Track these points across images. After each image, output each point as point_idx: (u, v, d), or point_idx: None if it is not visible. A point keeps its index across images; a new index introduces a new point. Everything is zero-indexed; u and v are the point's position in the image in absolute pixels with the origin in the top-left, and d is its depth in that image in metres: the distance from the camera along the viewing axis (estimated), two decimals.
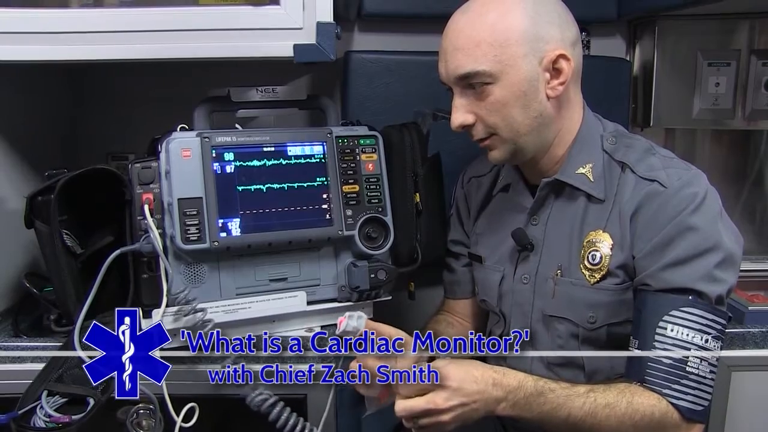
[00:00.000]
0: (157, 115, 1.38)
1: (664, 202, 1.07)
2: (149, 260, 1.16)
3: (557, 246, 1.18)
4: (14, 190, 1.38)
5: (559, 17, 1.11)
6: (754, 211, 1.82)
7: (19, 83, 1.43)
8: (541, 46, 1.08)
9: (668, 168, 1.10)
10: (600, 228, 1.13)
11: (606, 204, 1.13)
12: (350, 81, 1.65)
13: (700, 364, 1.03)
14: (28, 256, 1.40)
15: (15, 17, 1.19)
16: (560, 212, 1.19)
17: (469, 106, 1.12)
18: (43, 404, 1.01)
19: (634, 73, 1.76)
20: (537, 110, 1.11)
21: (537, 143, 1.14)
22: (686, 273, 1.04)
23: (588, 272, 1.13)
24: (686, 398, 1.03)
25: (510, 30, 1.07)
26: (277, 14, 1.19)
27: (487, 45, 1.07)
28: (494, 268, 1.27)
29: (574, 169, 1.16)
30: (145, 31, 1.19)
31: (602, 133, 1.18)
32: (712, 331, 1.04)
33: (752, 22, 1.66)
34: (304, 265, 1.26)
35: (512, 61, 1.07)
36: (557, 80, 1.10)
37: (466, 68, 1.08)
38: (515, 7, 1.08)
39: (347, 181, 1.26)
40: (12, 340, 1.23)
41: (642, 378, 1.04)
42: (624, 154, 1.14)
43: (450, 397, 0.98)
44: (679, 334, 1.03)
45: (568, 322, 1.17)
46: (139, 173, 1.16)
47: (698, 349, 1.03)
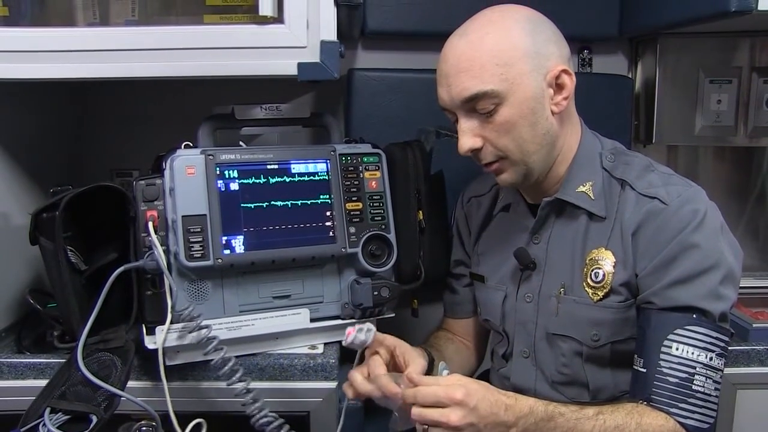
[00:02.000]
0: (162, 133, 1.39)
1: (665, 220, 1.07)
2: (153, 277, 1.16)
3: (560, 264, 1.18)
4: (19, 207, 1.39)
5: (554, 34, 1.12)
6: (757, 228, 1.82)
7: (24, 100, 1.44)
8: (543, 63, 1.09)
9: (668, 185, 1.11)
10: (602, 246, 1.13)
11: (607, 222, 1.14)
12: (354, 99, 1.66)
13: (705, 382, 1.03)
14: (32, 272, 1.41)
15: (22, 36, 1.20)
16: (562, 231, 1.19)
17: (477, 129, 1.11)
18: (46, 421, 1.01)
19: (636, 90, 1.76)
20: (544, 127, 1.11)
21: (544, 162, 1.14)
22: (690, 291, 1.04)
23: (591, 290, 1.13)
24: (693, 417, 1.02)
25: (513, 49, 1.07)
26: (282, 33, 1.20)
27: (493, 65, 1.06)
28: (497, 288, 1.27)
29: (574, 188, 1.16)
30: (151, 49, 1.20)
31: (601, 151, 1.18)
32: (716, 349, 1.04)
33: (753, 40, 1.67)
34: (307, 282, 1.26)
35: (519, 79, 1.07)
36: (561, 95, 1.11)
37: (473, 90, 1.07)
38: (513, 26, 1.08)
39: (350, 198, 1.26)
40: (15, 356, 1.22)
41: (648, 397, 1.04)
42: (623, 172, 1.15)
43: (466, 415, 0.96)
44: (684, 353, 1.03)
45: (572, 341, 1.16)
46: (144, 190, 1.16)
47: (704, 367, 1.03)
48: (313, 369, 1.22)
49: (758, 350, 1.32)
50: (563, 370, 1.18)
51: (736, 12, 1.23)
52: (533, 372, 1.23)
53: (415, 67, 1.69)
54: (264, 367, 1.22)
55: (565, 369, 1.18)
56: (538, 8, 1.16)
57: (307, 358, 1.23)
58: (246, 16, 1.21)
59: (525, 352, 1.23)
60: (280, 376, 1.22)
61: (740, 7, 1.23)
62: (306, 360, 1.23)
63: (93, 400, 1.05)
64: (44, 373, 1.18)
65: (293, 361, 1.22)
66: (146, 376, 1.19)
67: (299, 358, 1.23)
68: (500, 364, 1.31)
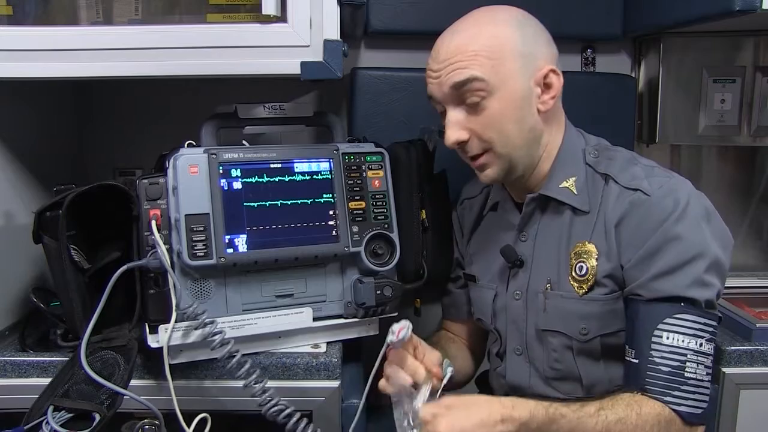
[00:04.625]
0: (165, 131, 1.40)
1: (647, 211, 1.08)
2: (156, 276, 1.16)
3: (546, 261, 1.19)
4: (23, 206, 1.39)
5: (544, 34, 1.15)
6: (761, 228, 1.81)
7: (28, 99, 1.44)
8: (532, 62, 1.11)
9: (650, 177, 1.12)
10: (586, 240, 1.14)
11: (591, 215, 1.15)
12: (357, 98, 1.66)
13: (697, 368, 1.04)
14: (35, 270, 1.41)
15: (26, 35, 1.20)
16: (547, 227, 1.20)
17: (464, 122, 1.14)
18: (50, 419, 1.01)
19: (640, 89, 1.76)
20: (530, 124, 1.13)
21: (528, 158, 1.16)
22: (676, 282, 1.06)
23: (576, 284, 1.14)
24: (686, 403, 1.04)
25: (504, 45, 1.10)
26: (285, 32, 1.20)
27: (484, 57, 1.09)
28: (488, 287, 1.29)
29: (557, 184, 1.17)
30: (154, 48, 1.19)
31: (584, 147, 1.20)
32: (705, 335, 1.05)
33: (757, 40, 1.67)
34: (310, 281, 1.26)
35: (508, 74, 1.10)
36: (548, 95, 1.13)
37: (464, 75, 1.09)
38: (505, 24, 1.11)
39: (354, 197, 1.26)
40: (19, 354, 1.23)
41: (642, 386, 1.05)
42: (607, 166, 1.16)
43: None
44: (675, 341, 1.04)
45: (562, 335, 1.17)
46: (147, 189, 1.16)
47: (694, 354, 1.04)
48: (315, 368, 1.22)
49: (761, 350, 1.32)
50: (555, 365, 1.19)
51: (740, 11, 1.23)
52: (527, 369, 1.24)
53: (418, 66, 1.67)
54: (267, 366, 1.22)
55: (557, 364, 1.19)
56: (541, 8, 1.17)
57: (309, 357, 1.23)
58: (249, 15, 1.21)
59: (518, 349, 1.24)
60: (283, 375, 1.22)
61: (744, 6, 1.22)
62: (309, 359, 1.23)
63: (96, 398, 1.05)
64: (47, 372, 1.19)
65: (296, 360, 1.23)
66: (149, 374, 1.19)
67: (302, 357, 1.23)
68: (495, 363, 1.32)
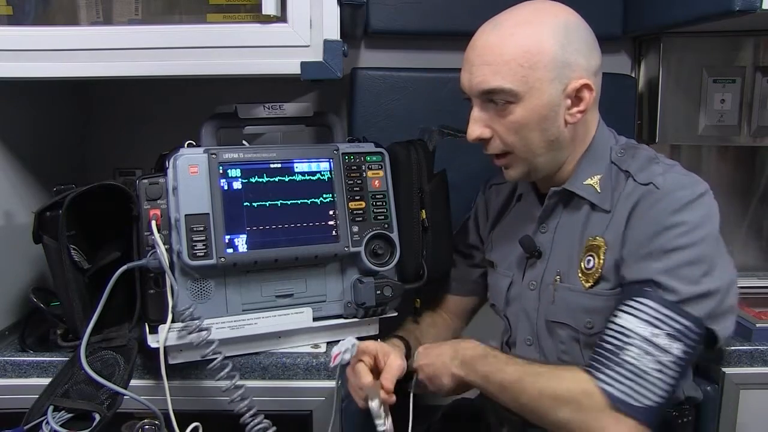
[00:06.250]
0: (165, 131, 1.39)
1: (655, 201, 1.06)
2: (156, 276, 1.16)
3: (562, 253, 1.19)
4: (23, 206, 1.39)
5: (586, 46, 1.11)
6: (761, 228, 1.81)
7: (28, 99, 1.44)
8: (567, 74, 1.08)
9: (666, 173, 1.10)
10: (599, 234, 1.13)
11: (609, 212, 1.14)
12: (357, 98, 1.66)
13: (641, 356, 0.98)
14: (35, 271, 1.41)
15: (26, 35, 1.20)
16: (568, 221, 1.19)
17: (488, 120, 1.13)
18: (49, 419, 1.01)
19: (640, 89, 1.76)
20: (554, 134, 1.11)
21: (551, 163, 1.16)
22: (653, 266, 1.03)
23: (584, 277, 1.14)
24: (617, 386, 0.98)
25: (540, 53, 1.07)
26: (285, 32, 1.20)
27: (517, 65, 1.06)
28: (504, 274, 1.29)
29: (582, 180, 1.17)
30: (154, 48, 1.20)
31: (612, 146, 1.19)
32: (666, 328, 0.99)
33: (757, 40, 1.66)
34: (310, 281, 1.26)
35: (538, 84, 1.07)
36: (577, 108, 1.11)
37: (492, 84, 1.08)
38: (547, 30, 1.08)
39: (354, 197, 1.26)
40: (19, 354, 1.23)
41: (588, 362, 1.04)
42: (629, 164, 1.15)
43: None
44: (624, 322, 1.01)
45: (569, 328, 1.17)
46: (147, 189, 1.16)
47: (642, 341, 0.99)
48: (315, 368, 1.22)
49: (761, 350, 1.32)
50: (563, 357, 1.19)
51: (741, 11, 1.23)
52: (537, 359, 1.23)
53: (418, 66, 1.69)
54: (266, 366, 1.22)
55: (564, 356, 1.19)
56: None
57: (309, 357, 1.23)
58: (249, 15, 1.21)
59: (529, 339, 1.24)
60: (283, 375, 1.22)
61: (744, 6, 1.22)
62: (309, 359, 1.23)
63: (96, 398, 1.05)
64: (47, 372, 1.19)
65: (296, 360, 1.23)
66: (149, 374, 1.19)
67: (302, 357, 1.23)
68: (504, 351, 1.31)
